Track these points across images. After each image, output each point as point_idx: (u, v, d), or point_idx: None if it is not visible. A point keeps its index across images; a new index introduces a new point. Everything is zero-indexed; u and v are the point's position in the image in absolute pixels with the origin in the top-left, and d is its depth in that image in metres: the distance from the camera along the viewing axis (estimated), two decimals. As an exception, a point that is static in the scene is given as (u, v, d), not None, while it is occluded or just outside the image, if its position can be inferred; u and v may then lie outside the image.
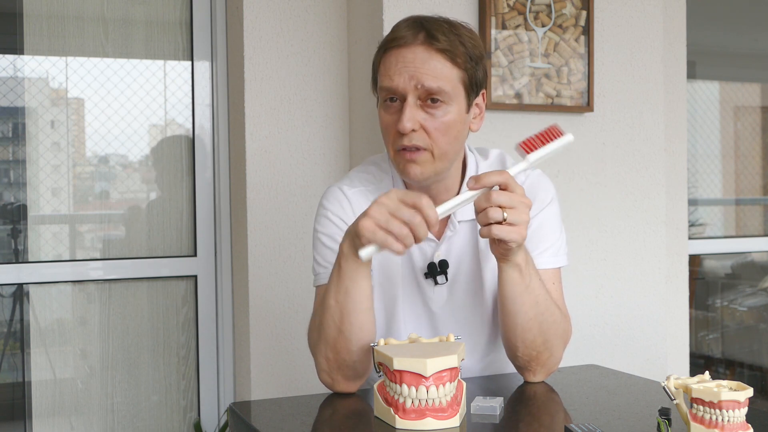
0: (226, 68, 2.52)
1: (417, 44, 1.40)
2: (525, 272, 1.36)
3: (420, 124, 1.40)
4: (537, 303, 1.38)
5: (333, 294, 1.33)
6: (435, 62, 1.39)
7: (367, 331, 1.34)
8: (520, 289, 1.36)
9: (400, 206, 1.22)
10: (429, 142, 1.40)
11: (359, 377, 1.39)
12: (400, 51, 1.41)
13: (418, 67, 1.39)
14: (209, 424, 2.56)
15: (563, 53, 2.33)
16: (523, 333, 1.40)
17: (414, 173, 1.42)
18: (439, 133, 1.41)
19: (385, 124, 1.45)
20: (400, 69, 1.40)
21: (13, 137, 2.52)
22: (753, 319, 3.73)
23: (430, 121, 1.40)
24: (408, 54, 1.40)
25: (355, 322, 1.32)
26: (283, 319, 2.40)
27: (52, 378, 2.48)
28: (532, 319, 1.39)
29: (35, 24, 2.43)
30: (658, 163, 2.51)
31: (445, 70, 1.40)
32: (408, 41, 1.41)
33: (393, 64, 1.41)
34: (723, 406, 1.07)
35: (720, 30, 3.50)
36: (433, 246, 1.52)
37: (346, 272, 1.31)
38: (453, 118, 1.42)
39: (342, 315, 1.33)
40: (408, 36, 1.41)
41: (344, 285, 1.31)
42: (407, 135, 1.40)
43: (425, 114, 1.40)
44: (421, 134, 1.40)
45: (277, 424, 1.26)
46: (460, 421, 1.18)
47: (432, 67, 1.39)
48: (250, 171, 2.37)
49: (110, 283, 2.51)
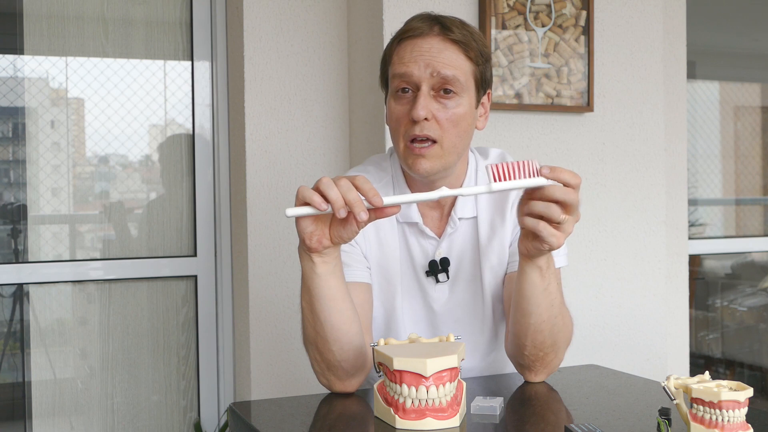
0: (226, 68, 2.52)
1: (433, 35, 1.42)
2: (545, 275, 1.34)
3: (432, 114, 1.40)
4: (552, 306, 1.37)
5: (302, 295, 1.34)
6: (450, 52, 1.41)
7: (342, 331, 1.32)
8: (538, 291, 1.35)
9: (342, 178, 1.21)
10: (440, 133, 1.41)
11: (352, 377, 1.38)
12: (415, 41, 1.42)
13: (434, 55, 1.40)
14: (209, 424, 2.56)
15: (563, 53, 2.33)
16: (534, 334, 1.39)
17: (423, 168, 1.42)
18: (451, 124, 1.41)
19: (396, 115, 1.44)
20: (416, 57, 1.41)
21: (13, 137, 2.52)
22: (753, 319, 3.73)
23: (443, 112, 1.41)
24: (424, 44, 1.42)
25: (325, 321, 1.31)
26: (283, 319, 2.40)
27: (52, 378, 2.48)
28: (546, 321, 1.38)
29: (35, 24, 2.43)
30: (658, 163, 2.51)
31: (459, 61, 1.42)
32: (424, 32, 1.42)
33: (408, 52, 1.42)
34: (723, 406, 1.07)
35: (720, 30, 3.50)
36: (434, 243, 1.52)
37: (305, 272, 1.30)
38: (464, 110, 1.43)
39: (313, 316, 1.32)
40: (423, 27, 1.43)
41: (306, 285, 1.31)
42: (419, 124, 1.40)
43: (438, 104, 1.41)
44: (433, 124, 1.40)
45: (277, 424, 1.26)
46: (460, 421, 1.18)
47: (447, 57, 1.41)
48: (250, 171, 2.37)
49: (110, 283, 2.51)
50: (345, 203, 1.18)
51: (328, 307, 1.31)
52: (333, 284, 1.30)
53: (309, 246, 1.26)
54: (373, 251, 1.52)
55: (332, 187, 1.18)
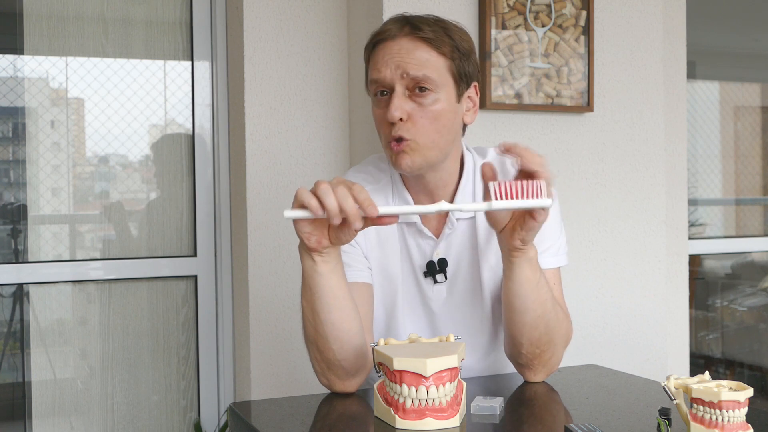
0: (226, 68, 2.52)
1: (402, 36, 1.43)
2: (536, 268, 1.36)
3: (408, 113, 1.41)
4: (545, 300, 1.38)
5: (302, 294, 1.34)
6: (420, 51, 1.42)
7: (343, 329, 1.33)
8: (531, 286, 1.36)
9: (332, 181, 1.22)
10: (414, 131, 1.41)
11: (353, 376, 1.38)
12: (386, 44, 1.44)
13: (403, 56, 1.41)
14: (209, 424, 2.56)
15: (563, 53, 2.33)
16: (530, 331, 1.40)
17: (405, 164, 1.43)
18: (428, 121, 1.42)
19: (377, 118, 1.46)
20: (387, 61, 1.42)
21: (13, 137, 2.52)
22: (753, 319, 3.73)
23: (419, 111, 1.41)
24: (394, 46, 1.43)
25: (326, 320, 1.32)
26: (283, 319, 2.40)
27: (52, 378, 2.48)
28: (541, 316, 1.39)
29: (35, 24, 2.43)
30: (658, 163, 2.51)
31: (430, 59, 1.42)
32: (393, 34, 1.44)
33: (380, 57, 1.44)
34: (723, 406, 1.07)
35: (720, 30, 3.50)
36: (431, 244, 1.53)
37: (305, 270, 1.31)
38: (442, 106, 1.43)
39: (313, 314, 1.33)
40: (393, 29, 1.44)
41: (306, 284, 1.32)
42: (395, 125, 1.41)
43: (414, 104, 1.42)
44: (408, 124, 1.41)
45: (277, 424, 1.26)
46: (460, 421, 1.18)
47: (417, 57, 1.41)
48: (250, 171, 2.37)
49: (110, 283, 2.51)
50: (341, 211, 1.19)
51: (328, 306, 1.31)
52: (334, 283, 1.31)
53: (309, 246, 1.27)
54: (373, 251, 1.52)
55: (329, 195, 1.19)
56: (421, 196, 1.52)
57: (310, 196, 1.20)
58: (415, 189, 1.52)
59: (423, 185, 1.50)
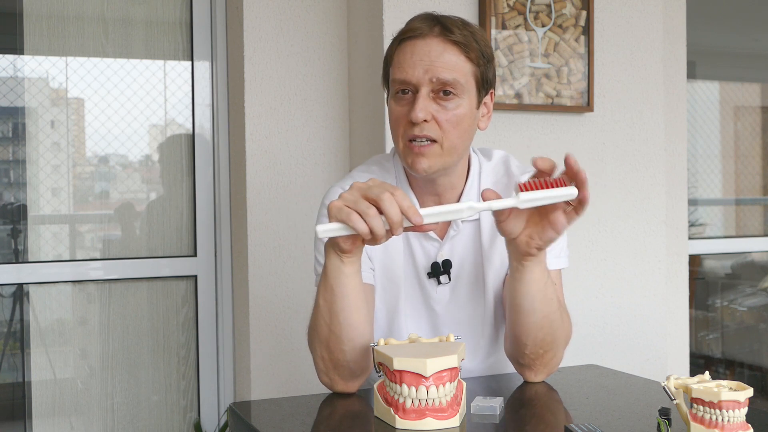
0: (226, 68, 2.52)
1: (432, 36, 1.41)
2: (544, 268, 1.36)
3: (432, 115, 1.40)
4: (552, 300, 1.38)
5: (321, 293, 1.33)
6: (450, 55, 1.40)
7: (358, 330, 1.33)
8: (539, 286, 1.35)
9: (371, 187, 1.20)
10: (440, 133, 1.41)
11: (356, 377, 1.38)
12: (415, 43, 1.42)
13: (433, 60, 1.40)
14: (209, 424, 2.56)
15: (563, 53, 2.33)
16: (535, 331, 1.39)
17: (422, 166, 1.42)
18: (451, 125, 1.41)
19: (396, 115, 1.44)
20: (415, 62, 1.40)
21: (13, 137, 2.52)
22: (753, 319, 3.73)
23: (442, 113, 1.40)
24: (423, 46, 1.41)
25: (344, 321, 1.31)
26: (283, 319, 2.40)
27: (52, 378, 2.48)
28: (546, 316, 1.38)
29: (35, 24, 2.43)
30: (658, 163, 2.51)
31: (459, 63, 1.41)
32: (423, 33, 1.42)
33: (408, 56, 1.42)
34: (723, 406, 1.07)
35: (720, 30, 3.50)
36: (436, 246, 1.52)
37: (330, 270, 1.30)
38: (464, 111, 1.42)
39: (331, 314, 1.32)
40: (423, 28, 1.42)
41: (329, 283, 1.30)
42: (419, 125, 1.40)
43: (437, 106, 1.41)
44: (433, 125, 1.40)
45: (277, 424, 1.26)
46: (460, 421, 1.18)
47: (447, 60, 1.40)
48: (250, 171, 2.37)
49: (110, 283, 2.51)
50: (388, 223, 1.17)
51: (349, 307, 1.31)
52: (356, 283, 1.31)
53: (343, 248, 1.25)
54: (377, 252, 1.52)
55: (377, 219, 1.17)
56: (427, 197, 1.51)
57: (356, 219, 1.18)
58: (423, 190, 1.51)
59: (432, 187, 1.49)
